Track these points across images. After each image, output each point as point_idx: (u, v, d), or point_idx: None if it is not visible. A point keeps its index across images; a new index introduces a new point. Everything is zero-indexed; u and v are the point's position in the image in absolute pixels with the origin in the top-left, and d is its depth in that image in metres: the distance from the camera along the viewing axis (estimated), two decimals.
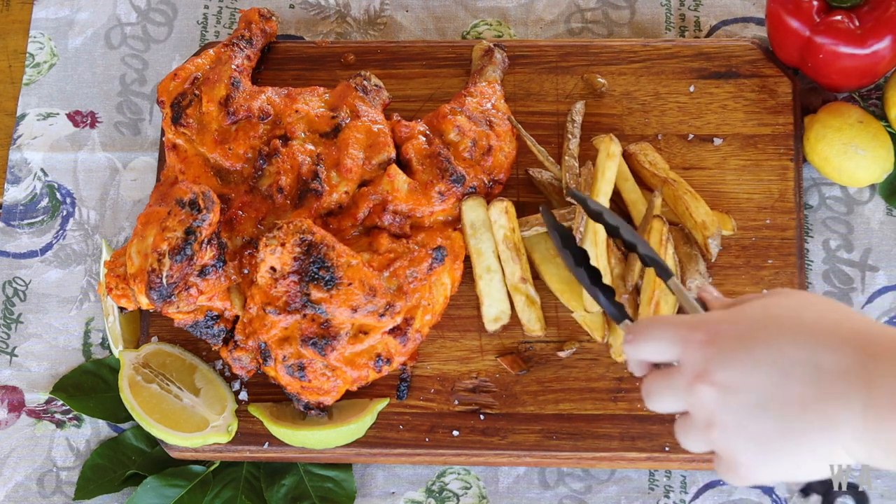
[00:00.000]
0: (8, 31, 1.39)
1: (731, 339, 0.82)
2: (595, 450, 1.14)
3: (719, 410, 0.82)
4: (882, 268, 1.21)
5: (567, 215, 1.18)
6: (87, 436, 1.22)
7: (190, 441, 1.15)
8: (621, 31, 1.33)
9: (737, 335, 0.82)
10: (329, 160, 1.16)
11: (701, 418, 0.83)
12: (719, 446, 0.83)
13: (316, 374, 1.12)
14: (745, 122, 1.24)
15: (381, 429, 1.16)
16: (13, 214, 1.31)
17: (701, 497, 1.16)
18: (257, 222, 1.16)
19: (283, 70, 1.30)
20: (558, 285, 1.18)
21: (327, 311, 1.09)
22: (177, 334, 1.21)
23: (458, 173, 1.17)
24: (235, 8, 1.37)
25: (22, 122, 1.34)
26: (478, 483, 1.18)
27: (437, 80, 1.28)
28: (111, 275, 1.15)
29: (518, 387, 1.17)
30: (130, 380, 1.17)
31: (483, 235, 1.18)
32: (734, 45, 1.26)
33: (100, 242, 1.29)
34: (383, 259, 1.12)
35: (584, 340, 1.18)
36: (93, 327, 1.26)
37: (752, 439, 0.81)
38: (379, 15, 1.36)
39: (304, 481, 1.18)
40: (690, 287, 1.16)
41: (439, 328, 1.19)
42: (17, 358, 1.25)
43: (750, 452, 0.82)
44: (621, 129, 1.24)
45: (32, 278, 1.28)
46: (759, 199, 1.21)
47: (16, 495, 1.20)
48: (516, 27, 1.34)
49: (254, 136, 1.19)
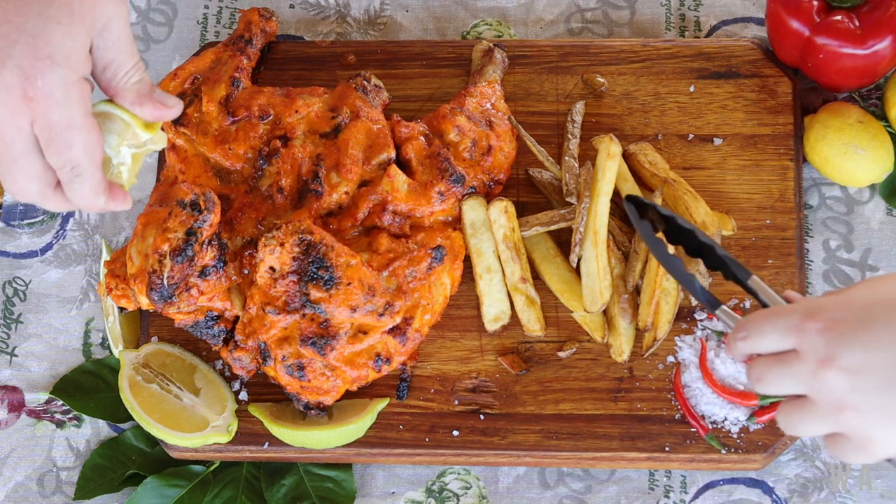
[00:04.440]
0: None
1: (850, 323, 0.85)
2: (595, 450, 1.14)
3: (850, 393, 0.84)
4: (882, 268, 1.21)
5: (567, 215, 1.18)
6: (87, 436, 1.22)
7: (190, 441, 1.15)
8: (621, 31, 1.33)
9: (854, 318, 0.85)
10: (329, 160, 1.16)
11: (829, 402, 0.85)
12: (851, 427, 0.85)
13: (315, 373, 1.12)
14: (745, 122, 1.24)
15: (381, 429, 1.16)
16: (13, 214, 1.31)
17: (701, 497, 1.16)
18: (257, 222, 1.16)
19: (283, 70, 1.30)
20: (558, 285, 1.18)
21: (326, 310, 1.09)
22: (177, 334, 1.21)
23: (457, 173, 1.17)
24: (235, 8, 1.37)
25: None
26: (478, 483, 1.18)
27: (437, 80, 1.28)
28: (111, 275, 1.15)
29: (518, 387, 1.17)
30: (130, 380, 1.17)
31: (483, 235, 1.18)
32: (734, 45, 1.26)
33: (100, 242, 1.29)
34: (383, 259, 1.12)
35: (584, 340, 1.18)
36: (93, 327, 1.26)
37: (886, 415, 0.83)
38: (379, 15, 1.36)
39: (304, 481, 1.18)
40: None
41: (439, 328, 1.19)
42: (17, 358, 1.25)
43: (885, 428, 0.84)
44: (621, 129, 1.24)
45: (32, 278, 1.28)
46: (759, 199, 1.21)
47: (16, 495, 1.20)
48: (516, 27, 1.34)
49: (254, 136, 1.19)
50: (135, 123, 0.98)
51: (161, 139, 1.01)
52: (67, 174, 0.93)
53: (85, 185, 0.95)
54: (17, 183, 0.94)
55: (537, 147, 1.21)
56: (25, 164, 0.92)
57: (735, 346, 0.91)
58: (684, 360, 1.16)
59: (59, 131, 0.91)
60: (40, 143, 0.92)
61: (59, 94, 0.90)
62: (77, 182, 0.94)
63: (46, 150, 0.92)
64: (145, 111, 0.98)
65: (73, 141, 0.92)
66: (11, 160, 0.92)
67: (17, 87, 0.89)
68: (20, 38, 0.89)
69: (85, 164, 0.93)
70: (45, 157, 0.93)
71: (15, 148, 0.91)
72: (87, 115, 0.93)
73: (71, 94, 0.91)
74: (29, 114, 0.90)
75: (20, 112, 0.89)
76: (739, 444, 1.13)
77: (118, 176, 1.00)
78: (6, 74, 0.88)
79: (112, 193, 0.98)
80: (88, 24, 0.92)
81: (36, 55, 0.89)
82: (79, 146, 0.92)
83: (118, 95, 0.97)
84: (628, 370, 1.16)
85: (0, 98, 0.89)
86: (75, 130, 0.91)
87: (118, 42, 0.95)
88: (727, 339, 0.94)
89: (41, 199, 0.96)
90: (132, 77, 0.97)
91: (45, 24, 0.90)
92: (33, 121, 0.90)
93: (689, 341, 1.16)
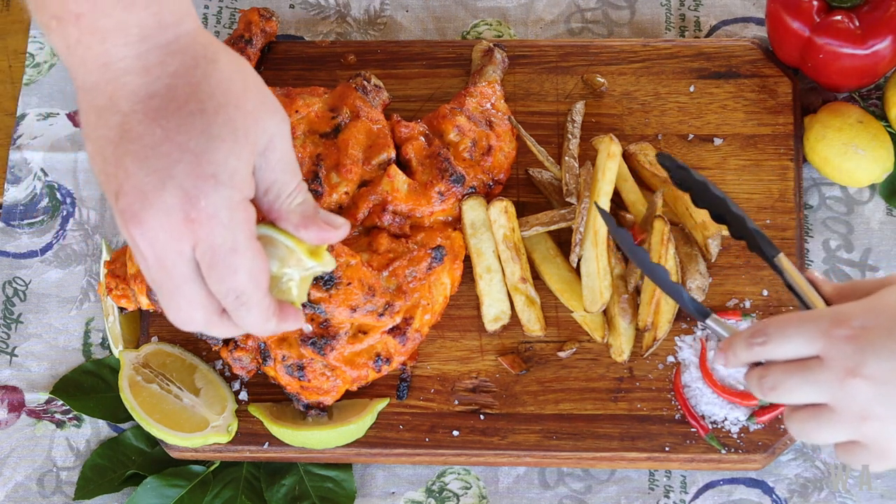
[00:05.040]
0: (8, 31, 1.39)
1: (879, 331, 0.83)
2: (595, 450, 1.14)
3: (875, 403, 0.83)
4: (882, 268, 1.21)
5: (567, 215, 1.18)
6: (87, 436, 1.22)
7: (190, 441, 1.15)
8: (621, 31, 1.33)
9: (884, 327, 0.84)
10: (329, 160, 1.16)
11: (853, 412, 0.84)
12: (873, 437, 0.85)
13: (315, 373, 1.12)
14: (745, 122, 1.24)
15: (381, 429, 1.16)
16: (13, 214, 1.31)
17: (701, 497, 1.16)
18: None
19: (283, 70, 1.30)
20: (558, 285, 1.18)
21: (326, 310, 1.09)
22: (177, 334, 1.21)
23: (457, 173, 1.17)
24: (235, 8, 1.37)
25: (22, 122, 1.34)
26: (478, 483, 1.18)
27: (437, 80, 1.28)
28: (111, 275, 1.15)
29: (518, 387, 1.17)
30: (130, 380, 1.17)
31: (483, 235, 1.18)
32: (734, 45, 1.26)
33: (100, 242, 1.29)
34: (382, 259, 1.12)
35: (584, 340, 1.18)
36: (93, 327, 1.26)
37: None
38: (379, 15, 1.36)
39: (304, 481, 1.18)
40: (690, 287, 1.16)
41: (439, 328, 1.19)
42: (17, 358, 1.25)
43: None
44: (621, 129, 1.24)
45: (32, 278, 1.28)
46: (759, 199, 1.21)
47: (16, 495, 1.20)
48: (516, 27, 1.34)
49: None
50: (299, 249, 0.91)
51: (329, 263, 0.94)
52: (232, 302, 0.86)
53: (252, 311, 0.88)
54: (181, 311, 0.87)
55: (537, 147, 1.21)
56: (188, 291, 0.85)
57: (747, 351, 0.89)
58: (684, 360, 1.16)
59: (223, 255, 0.83)
60: (201, 268, 0.84)
61: (223, 216, 0.83)
62: (244, 310, 0.87)
63: (208, 275, 0.85)
64: (310, 235, 0.90)
65: (238, 266, 0.84)
66: (174, 287, 0.85)
67: (179, 210, 0.81)
68: (183, 157, 0.81)
69: (251, 290, 0.86)
70: (208, 283, 0.85)
71: (176, 274, 0.84)
72: (252, 238, 0.85)
73: (236, 215, 0.83)
74: (191, 237, 0.83)
75: (181, 236, 0.82)
76: (739, 444, 1.13)
77: (287, 293, 0.93)
78: (167, 197, 0.81)
79: (283, 314, 0.91)
80: (252, 143, 0.85)
81: (199, 174, 0.81)
82: (243, 272, 0.85)
83: (281, 219, 0.90)
84: (628, 370, 1.16)
85: (160, 222, 0.82)
86: (240, 255, 0.84)
87: (281, 162, 0.88)
88: (722, 347, 0.91)
89: (207, 326, 0.89)
90: (296, 199, 0.90)
91: (208, 141, 0.82)
92: (195, 245, 0.83)
93: (689, 341, 1.16)
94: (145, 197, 0.82)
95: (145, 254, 0.84)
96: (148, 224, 0.82)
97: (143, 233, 0.83)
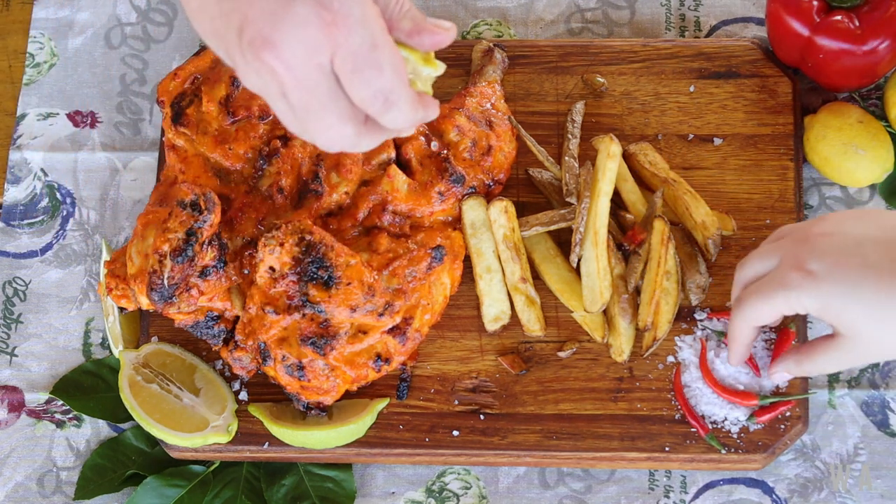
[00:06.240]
0: (8, 31, 1.39)
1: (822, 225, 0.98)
2: (595, 450, 1.14)
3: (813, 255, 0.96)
4: None
5: (567, 215, 1.18)
6: (87, 436, 1.22)
7: (190, 441, 1.15)
8: (621, 31, 1.33)
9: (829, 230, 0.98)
10: (329, 160, 1.16)
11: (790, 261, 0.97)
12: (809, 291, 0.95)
13: (315, 373, 1.12)
14: (745, 122, 1.24)
15: (381, 429, 1.16)
16: (13, 214, 1.31)
17: (701, 497, 1.16)
18: (257, 223, 1.16)
19: None
20: (558, 285, 1.18)
21: (326, 310, 1.09)
22: (177, 334, 1.21)
23: (457, 173, 1.17)
24: None
25: (22, 122, 1.34)
26: (478, 483, 1.18)
27: (437, 80, 1.28)
28: (111, 275, 1.15)
29: (518, 387, 1.17)
30: (130, 380, 1.17)
31: (483, 235, 1.18)
32: (734, 45, 1.26)
33: (100, 242, 1.29)
34: (382, 259, 1.12)
35: (584, 340, 1.18)
36: (93, 327, 1.26)
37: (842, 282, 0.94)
38: None
39: (304, 481, 1.18)
40: (690, 287, 1.16)
41: (439, 328, 1.19)
42: (17, 358, 1.25)
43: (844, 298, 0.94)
44: (621, 129, 1.24)
45: (32, 278, 1.28)
46: (759, 199, 1.21)
47: (16, 495, 1.20)
48: (516, 27, 1.34)
49: (254, 136, 1.19)
50: (412, 58, 0.89)
51: (441, 67, 0.92)
52: (381, 105, 0.84)
53: (402, 107, 0.85)
54: (332, 129, 0.85)
55: (537, 147, 1.21)
56: (336, 107, 0.84)
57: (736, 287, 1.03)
58: (684, 360, 1.16)
59: (365, 55, 0.81)
60: (342, 80, 0.82)
61: (357, 13, 0.80)
62: (394, 109, 0.85)
63: (352, 83, 0.82)
64: (424, 40, 0.88)
65: (382, 62, 0.82)
66: (320, 107, 0.83)
67: (314, 16, 0.79)
68: None
69: (398, 86, 0.84)
70: (351, 93, 0.83)
71: (321, 92, 0.82)
72: (386, 31, 0.83)
73: (368, 11, 0.81)
74: (329, 45, 0.80)
75: (320, 45, 0.80)
76: (739, 444, 1.13)
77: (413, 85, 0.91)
78: (298, 7, 0.79)
79: (424, 102, 0.89)
80: None
81: None
82: (388, 67, 0.83)
83: (393, 27, 0.87)
84: (628, 370, 1.16)
85: (296, 36, 0.79)
86: (380, 49, 0.82)
87: None
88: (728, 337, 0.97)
89: (356, 140, 0.87)
90: (404, 5, 0.87)
91: None
92: (334, 53, 0.81)
93: (689, 341, 1.16)
94: (275, 14, 0.80)
95: (284, 79, 0.81)
96: (283, 44, 0.80)
97: (279, 55, 0.80)
